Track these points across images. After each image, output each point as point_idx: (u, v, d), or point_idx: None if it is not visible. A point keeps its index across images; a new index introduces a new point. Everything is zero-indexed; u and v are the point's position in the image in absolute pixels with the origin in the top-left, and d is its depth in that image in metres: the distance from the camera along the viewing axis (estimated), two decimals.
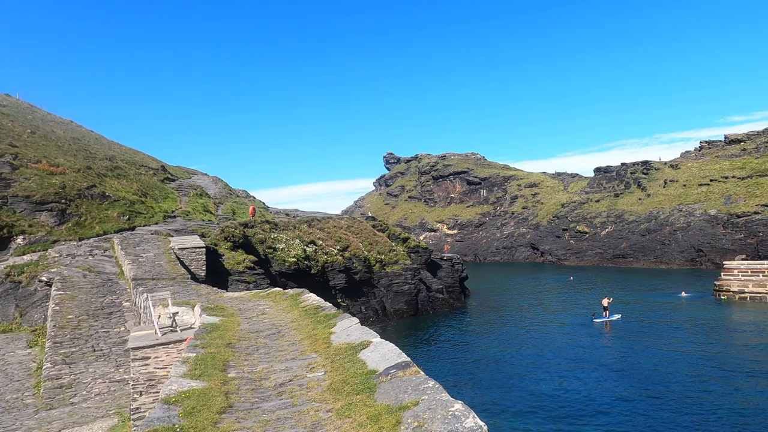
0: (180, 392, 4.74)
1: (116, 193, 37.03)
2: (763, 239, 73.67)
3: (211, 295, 17.70)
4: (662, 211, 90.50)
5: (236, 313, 10.58)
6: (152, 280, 22.26)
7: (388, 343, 5.80)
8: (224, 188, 69.14)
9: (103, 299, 21.37)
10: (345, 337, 6.60)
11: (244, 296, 14.85)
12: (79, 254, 27.85)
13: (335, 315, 8.39)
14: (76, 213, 31.62)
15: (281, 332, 8.19)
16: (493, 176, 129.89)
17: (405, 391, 4.17)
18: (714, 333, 33.36)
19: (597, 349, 30.93)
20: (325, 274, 39.70)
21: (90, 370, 15.54)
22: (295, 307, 10.45)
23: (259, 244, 37.35)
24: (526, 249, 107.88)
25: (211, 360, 6.01)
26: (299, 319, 9.06)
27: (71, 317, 18.93)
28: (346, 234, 46.31)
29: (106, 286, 23.21)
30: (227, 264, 33.11)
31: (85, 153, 45.62)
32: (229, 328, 8.43)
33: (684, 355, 28.33)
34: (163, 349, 10.06)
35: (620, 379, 24.83)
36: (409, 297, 44.52)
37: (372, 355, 5.57)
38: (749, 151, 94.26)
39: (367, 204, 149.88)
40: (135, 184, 43.92)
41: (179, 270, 24.17)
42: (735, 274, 47.54)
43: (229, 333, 7.97)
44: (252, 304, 12.02)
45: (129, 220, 34.31)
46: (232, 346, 7.08)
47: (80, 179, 35.19)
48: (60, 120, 58.90)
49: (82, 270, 25.01)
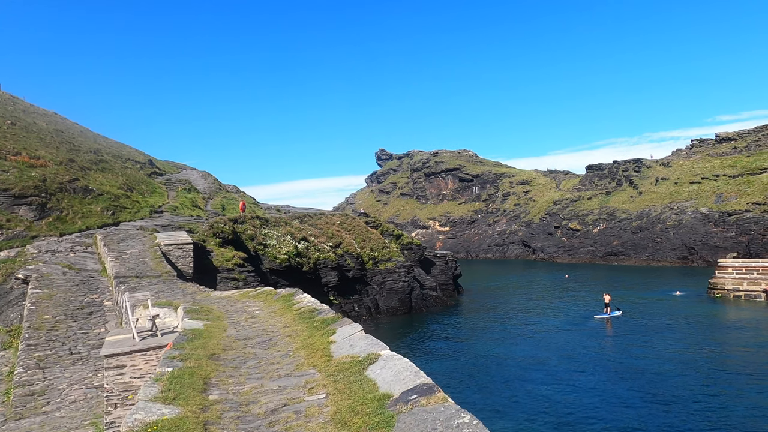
0: (146, 424, 3.77)
1: (100, 187, 35.66)
2: (755, 237, 73.93)
3: (197, 294, 16.68)
4: (654, 209, 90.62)
5: (223, 315, 9.59)
6: (136, 278, 21.15)
7: (401, 357, 4.82)
8: (214, 183, 67.70)
9: (83, 298, 20.23)
10: (347, 348, 5.66)
11: (233, 296, 13.87)
12: (60, 250, 26.60)
13: (334, 320, 7.44)
14: (58, 207, 30.28)
15: (273, 340, 7.23)
16: (485, 173, 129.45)
17: (434, 428, 3.21)
18: (713, 333, 32.98)
19: (597, 349, 30.33)
20: (317, 271, 38.71)
21: (66, 375, 14.47)
22: (288, 309, 9.50)
23: (249, 241, 36.24)
24: (517, 246, 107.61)
25: (190, 377, 5.05)
26: (293, 324, 8.09)
27: (48, 317, 17.79)
28: (338, 230, 45.32)
29: (87, 284, 22.04)
30: (216, 261, 32.00)
31: (68, 145, 44.07)
32: (213, 334, 7.44)
33: (686, 356, 27.82)
34: (141, 356, 9.07)
35: (622, 381, 24.21)
36: (403, 295, 43.69)
37: (383, 374, 4.59)
38: (740, 150, 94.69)
39: (358, 201, 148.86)
40: (120, 178, 42.51)
41: (165, 267, 23.06)
42: (729, 272, 47.32)
43: (213, 341, 6.98)
44: (240, 306, 11.04)
45: (113, 215, 33.02)
46: (215, 358, 6.10)
47: (62, 172, 33.79)
48: (43, 112, 57.06)
49: (61, 267, 23.80)
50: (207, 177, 70.83)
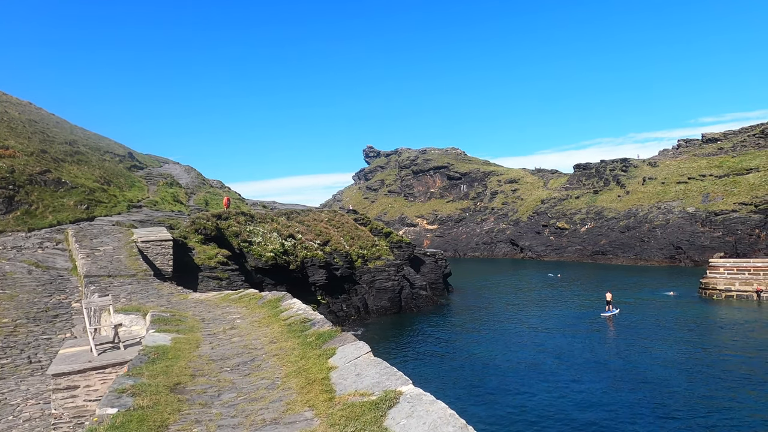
0: None
1: (74, 180, 33.65)
2: (741, 237, 74.31)
3: (174, 296, 15.17)
4: (641, 208, 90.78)
5: (197, 325, 8.15)
6: (108, 277, 19.51)
7: (432, 398, 3.34)
8: (197, 178, 65.53)
9: (48, 299, 18.53)
10: (354, 379, 4.28)
11: (212, 299, 12.41)
12: (27, 247, 24.73)
13: (331, 335, 6.00)
14: (26, 201, 28.31)
15: (256, 360, 5.82)
16: (473, 171, 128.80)
17: None
18: (712, 334, 32.41)
19: (596, 351, 29.42)
20: (304, 269, 37.21)
21: (22, 387, 12.87)
22: (275, 318, 8.10)
23: (233, 238, 34.60)
24: (505, 245, 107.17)
25: (138, 426, 3.68)
26: (281, 339, 6.67)
27: (6, 321, 16.11)
28: (326, 227, 43.84)
29: (55, 284, 20.31)
30: (197, 259, 30.34)
31: (41, 136, 41.79)
32: (182, 353, 6.00)
33: (686, 359, 27.06)
34: (97, 375, 7.61)
35: (623, 385, 23.28)
36: (392, 294, 42.42)
37: (410, 425, 3.18)
38: (726, 150, 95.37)
39: (346, 198, 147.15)
40: (97, 170, 40.42)
41: (141, 266, 21.42)
42: (721, 272, 47.03)
43: (180, 363, 5.55)
44: (220, 312, 9.59)
45: (88, 209, 31.10)
46: (180, 390, 4.68)
47: (32, 163, 31.74)
48: (17, 101, 54.33)
49: (27, 265, 22.00)
50: (190, 171, 68.59)
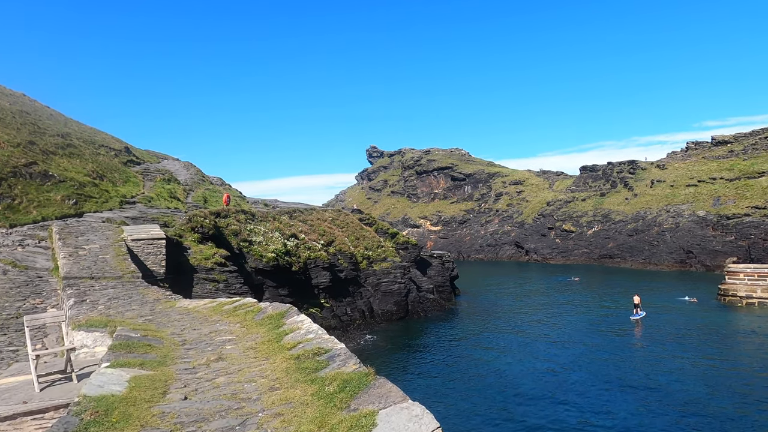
0: None
1: (63, 173, 31.69)
2: (755, 242, 72.20)
3: (159, 303, 13.17)
4: (650, 211, 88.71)
5: (174, 352, 6.08)
6: (90, 279, 17.52)
7: None
8: (197, 175, 63.54)
9: (21, 303, 16.55)
10: None
11: (202, 310, 10.43)
12: (6, 244, 22.75)
13: (362, 381, 3.69)
14: (9, 194, 26.35)
15: (248, 427, 3.56)
16: (477, 172, 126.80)
17: None
18: (742, 344, 30.32)
19: (620, 360, 27.34)
20: (307, 271, 35.20)
21: None
22: (277, 343, 6.05)
23: (232, 237, 32.60)
24: (510, 247, 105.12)
25: None
26: (286, 382, 4.54)
27: None
28: (330, 227, 41.83)
29: (32, 286, 18.34)
30: (193, 259, 28.33)
31: (32, 127, 39.86)
32: (136, 410, 3.60)
33: (718, 371, 25.01)
34: (32, 422, 5.59)
35: (653, 397, 21.24)
36: (399, 297, 40.42)
37: None
38: (736, 153, 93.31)
39: (348, 198, 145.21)
40: (90, 164, 38.45)
41: (128, 267, 19.44)
42: (741, 278, 45.07)
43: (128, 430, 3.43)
44: (207, 331, 7.55)
45: (76, 204, 29.14)
46: None
47: (18, 155, 29.78)
48: (9, 92, 52.45)
49: (3, 264, 20.02)
50: (190, 168, 66.61)
